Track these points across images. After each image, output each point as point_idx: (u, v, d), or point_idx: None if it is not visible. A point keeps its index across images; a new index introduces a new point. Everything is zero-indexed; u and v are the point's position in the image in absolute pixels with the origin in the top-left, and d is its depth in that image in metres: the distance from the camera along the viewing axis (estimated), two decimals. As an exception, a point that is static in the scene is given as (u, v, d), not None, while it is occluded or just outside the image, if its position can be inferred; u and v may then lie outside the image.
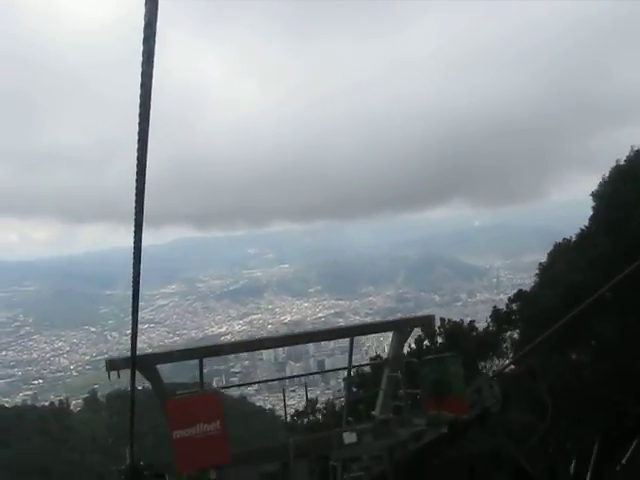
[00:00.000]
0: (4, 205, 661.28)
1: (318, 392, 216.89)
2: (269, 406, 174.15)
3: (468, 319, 43.33)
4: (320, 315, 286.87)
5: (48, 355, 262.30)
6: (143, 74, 2.51)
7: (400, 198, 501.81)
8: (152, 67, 2.50)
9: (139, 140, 2.74)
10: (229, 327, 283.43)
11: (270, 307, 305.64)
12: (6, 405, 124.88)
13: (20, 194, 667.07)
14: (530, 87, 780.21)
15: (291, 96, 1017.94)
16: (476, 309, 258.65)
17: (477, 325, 40.43)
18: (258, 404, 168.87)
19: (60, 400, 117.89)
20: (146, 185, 3.47)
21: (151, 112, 2.63)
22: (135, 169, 3.28)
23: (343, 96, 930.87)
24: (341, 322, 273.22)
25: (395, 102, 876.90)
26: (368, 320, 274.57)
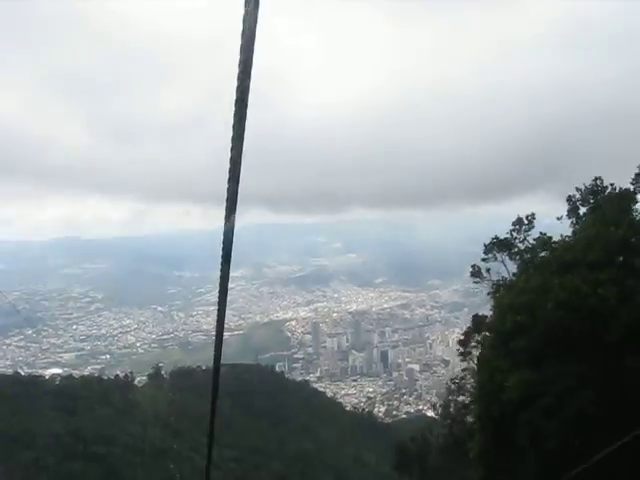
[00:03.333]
0: (85, 180, 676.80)
1: (380, 383, 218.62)
2: (330, 394, 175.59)
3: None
4: (385, 306, 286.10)
5: (116, 332, 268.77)
6: (241, 62, 2.45)
7: (476, 189, 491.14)
8: (252, 53, 2.46)
9: (234, 126, 2.63)
10: (294, 313, 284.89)
11: (336, 295, 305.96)
12: (74, 376, 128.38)
13: (103, 167, 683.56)
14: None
15: (383, 82, 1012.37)
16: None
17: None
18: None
19: (125, 374, 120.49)
20: (223, 165, 2.60)
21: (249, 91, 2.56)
22: (229, 153, 2.44)
23: (436, 83, 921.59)
24: (406, 314, 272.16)
25: (490, 87, 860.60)
26: (434, 313, 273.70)
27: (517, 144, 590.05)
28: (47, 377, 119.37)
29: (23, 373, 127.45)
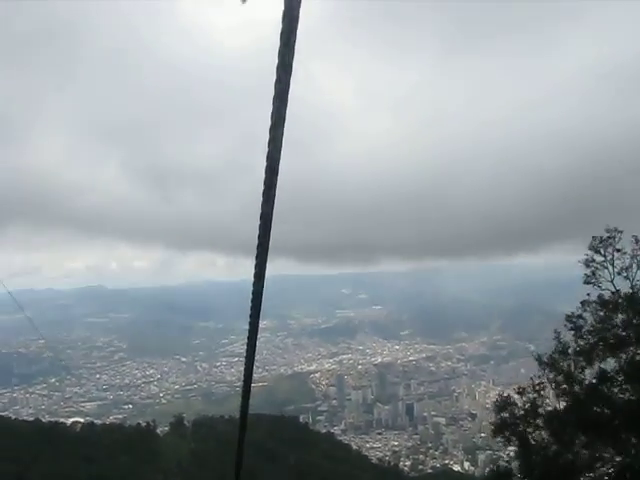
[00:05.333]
0: (116, 227, 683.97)
1: (405, 436, 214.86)
2: (355, 447, 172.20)
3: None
4: (411, 358, 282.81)
5: (139, 381, 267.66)
6: (273, 112, 2.43)
7: (505, 239, 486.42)
8: (286, 101, 2.43)
9: (265, 181, 2.64)
10: (319, 365, 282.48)
11: (361, 348, 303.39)
12: (95, 423, 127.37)
13: (134, 215, 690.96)
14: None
15: (417, 129, 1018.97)
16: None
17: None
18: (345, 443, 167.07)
19: (147, 422, 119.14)
20: (253, 214, 2.52)
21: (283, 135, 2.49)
22: (260, 190, 2.41)
23: (471, 131, 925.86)
24: (432, 366, 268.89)
25: (523, 134, 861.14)
26: (460, 366, 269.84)
27: (548, 193, 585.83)
28: (68, 424, 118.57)
29: (44, 421, 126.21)
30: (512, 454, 29.67)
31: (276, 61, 2.28)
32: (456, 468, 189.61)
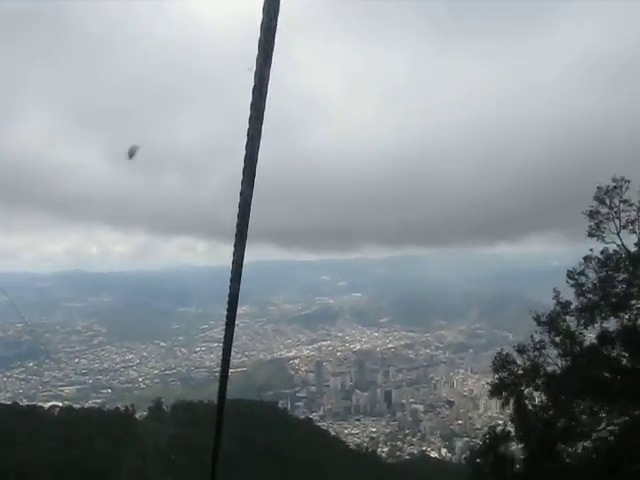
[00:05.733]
0: (95, 211, 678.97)
1: (383, 423, 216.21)
2: (333, 433, 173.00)
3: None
4: (390, 346, 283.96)
5: (118, 366, 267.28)
6: (256, 82, 2.40)
7: (486, 228, 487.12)
8: (268, 78, 2.38)
9: (247, 149, 2.54)
10: (298, 351, 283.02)
11: (340, 334, 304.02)
12: (74, 407, 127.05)
13: (113, 198, 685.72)
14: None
15: (404, 117, 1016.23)
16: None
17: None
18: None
19: (126, 407, 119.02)
20: (233, 199, 2.48)
21: (263, 123, 2.49)
22: (240, 177, 2.34)
23: (457, 119, 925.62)
24: (411, 354, 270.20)
25: (510, 121, 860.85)
26: (438, 353, 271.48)
27: (532, 184, 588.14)
28: (47, 408, 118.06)
29: (22, 404, 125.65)
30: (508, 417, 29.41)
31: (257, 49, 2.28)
32: (433, 455, 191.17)
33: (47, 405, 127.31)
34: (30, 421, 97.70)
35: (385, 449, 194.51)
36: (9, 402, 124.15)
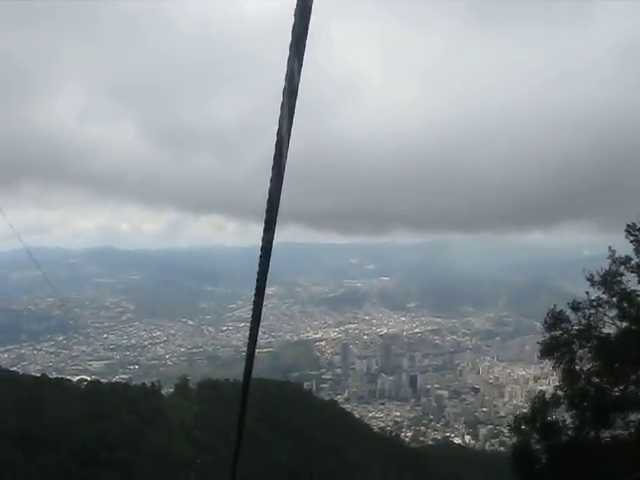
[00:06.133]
0: (128, 188, 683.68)
1: (408, 407, 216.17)
2: (357, 416, 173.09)
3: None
4: (417, 330, 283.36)
5: (146, 343, 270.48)
6: (290, 63, 2.33)
7: (517, 215, 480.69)
8: (302, 57, 2.31)
9: (278, 133, 2.51)
10: (324, 333, 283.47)
11: (367, 318, 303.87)
12: (101, 382, 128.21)
13: (146, 176, 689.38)
14: None
15: (438, 100, 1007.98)
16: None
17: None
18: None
19: (152, 383, 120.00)
20: (262, 178, 2.44)
21: (297, 103, 2.43)
22: (266, 156, 2.31)
23: (493, 104, 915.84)
24: (437, 340, 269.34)
25: (547, 109, 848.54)
26: (465, 340, 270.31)
27: (566, 171, 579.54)
28: (74, 381, 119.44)
29: (51, 377, 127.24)
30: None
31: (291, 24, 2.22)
32: (457, 441, 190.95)
33: (75, 378, 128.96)
34: (58, 393, 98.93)
35: (409, 434, 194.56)
36: (38, 374, 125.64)
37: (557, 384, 25.56)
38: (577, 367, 24.12)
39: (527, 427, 25.08)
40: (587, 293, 23.94)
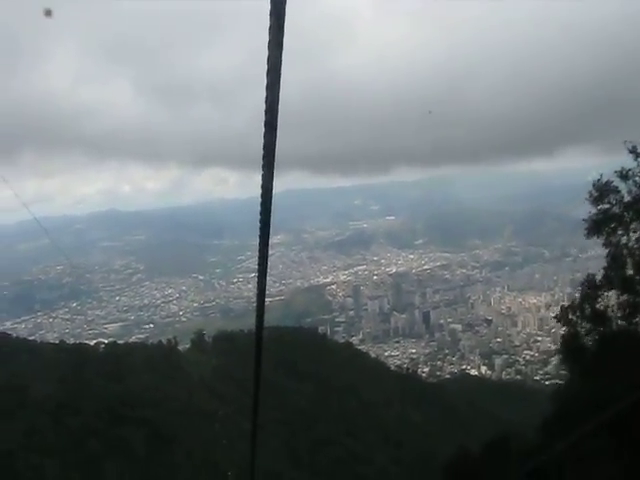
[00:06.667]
0: (128, 148, 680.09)
1: (422, 344, 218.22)
2: (373, 356, 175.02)
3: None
4: (426, 267, 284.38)
5: (158, 301, 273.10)
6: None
7: (520, 143, 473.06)
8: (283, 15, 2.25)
9: (269, 74, 2.50)
10: (334, 277, 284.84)
11: (375, 258, 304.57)
12: (118, 343, 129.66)
13: (145, 134, 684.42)
14: None
15: (432, 34, 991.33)
16: (587, 265, 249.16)
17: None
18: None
19: (169, 340, 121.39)
20: (261, 126, 2.35)
21: (285, 42, 2.43)
22: (264, 105, 2.29)
23: (487, 29, 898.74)
24: (447, 274, 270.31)
25: (545, 28, 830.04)
26: (475, 273, 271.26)
27: (567, 95, 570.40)
28: (92, 344, 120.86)
29: (69, 343, 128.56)
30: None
31: None
32: (473, 373, 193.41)
33: (92, 342, 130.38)
34: (77, 358, 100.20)
35: (425, 369, 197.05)
36: (56, 341, 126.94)
37: (606, 265, 23.49)
38: (630, 243, 22.09)
39: (575, 316, 23.48)
40: (638, 159, 21.82)
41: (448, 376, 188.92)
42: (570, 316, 23.32)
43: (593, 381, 20.46)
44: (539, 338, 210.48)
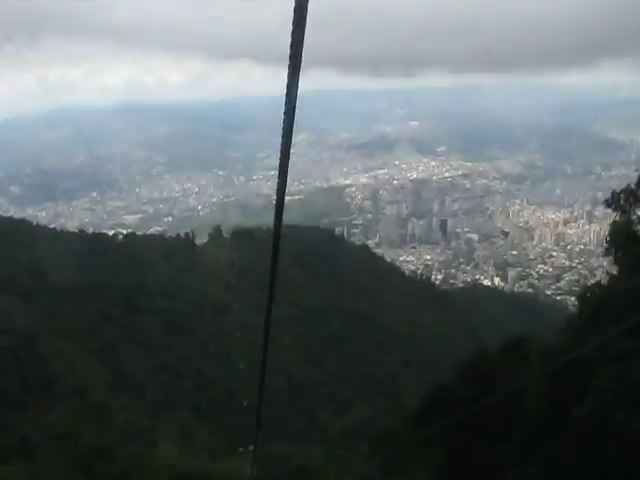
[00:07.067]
0: (151, 37, 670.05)
1: (438, 251, 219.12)
2: (388, 260, 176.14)
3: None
4: (447, 175, 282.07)
5: (178, 195, 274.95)
6: None
7: (558, 53, 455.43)
8: None
9: None
10: (354, 180, 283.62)
11: (397, 163, 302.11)
12: (137, 234, 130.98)
13: (170, 23, 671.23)
14: None
15: None
16: (610, 184, 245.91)
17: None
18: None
19: (186, 233, 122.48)
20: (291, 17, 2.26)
21: None
22: (293, 1, 2.21)
23: None
24: (467, 184, 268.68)
25: None
26: (495, 184, 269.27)
27: (609, 2, 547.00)
28: (111, 234, 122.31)
29: (88, 232, 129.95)
30: None
31: None
32: (486, 283, 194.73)
33: (111, 232, 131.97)
34: (96, 247, 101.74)
35: (439, 276, 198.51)
36: (76, 230, 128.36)
37: None
38: None
39: (628, 203, 22.08)
40: None
41: (461, 284, 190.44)
42: (622, 202, 22.21)
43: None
44: (554, 253, 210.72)
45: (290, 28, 2.51)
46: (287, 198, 4.19)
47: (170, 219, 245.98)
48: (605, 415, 15.20)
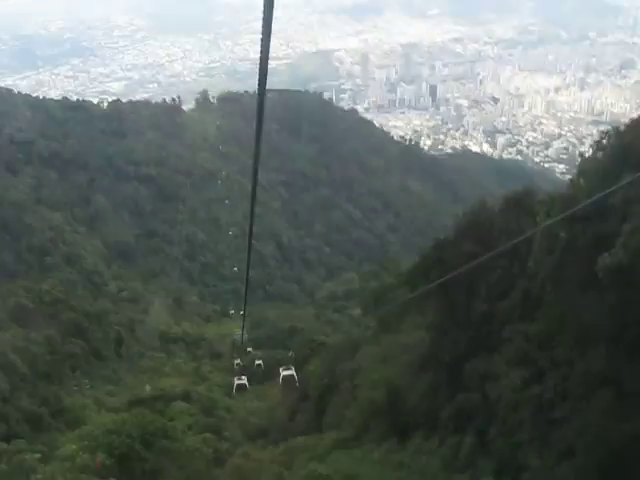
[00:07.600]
0: None
1: (427, 117, 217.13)
2: (377, 124, 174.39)
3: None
4: (438, 39, 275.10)
5: (163, 60, 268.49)
6: None
7: None
8: None
9: None
10: (344, 43, 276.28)
11: (387, 26, 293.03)
12: (122, 101, 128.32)
13: None
14: None
15: None
16: (604, 50, 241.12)
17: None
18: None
19: (173, 99, 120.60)
20: None
21: None
22: None
23: None
24: (458, 48, 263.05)
25: None
26: (487, 49, 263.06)
27: None
28: (95, 102, 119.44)
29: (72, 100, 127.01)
30: None
31: None
32: (475, 149, 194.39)
33: (96, 100, 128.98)
34: (81, 115, 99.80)
35: (428, 142, 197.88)
36: (59, 98, 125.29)
37: None
38: None
39: None
40: None
41: (450, 150, 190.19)
42: None
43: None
44: (544, 121, 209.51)
45: None
46: (275, 62, 4.12)
47: (156, 85, 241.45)
48: (636, 265, 14.06)
